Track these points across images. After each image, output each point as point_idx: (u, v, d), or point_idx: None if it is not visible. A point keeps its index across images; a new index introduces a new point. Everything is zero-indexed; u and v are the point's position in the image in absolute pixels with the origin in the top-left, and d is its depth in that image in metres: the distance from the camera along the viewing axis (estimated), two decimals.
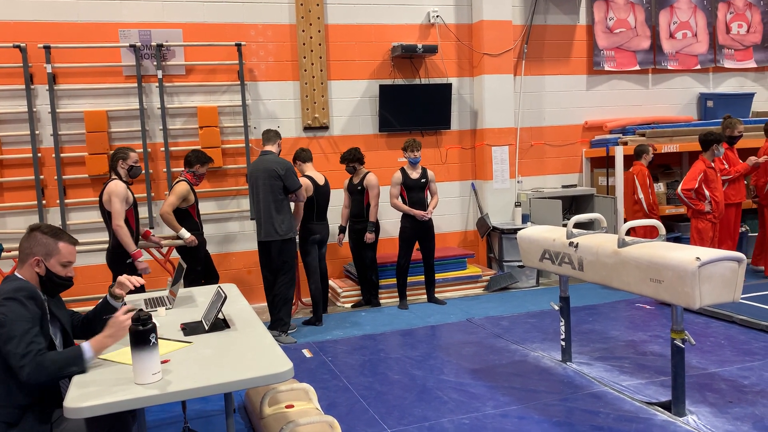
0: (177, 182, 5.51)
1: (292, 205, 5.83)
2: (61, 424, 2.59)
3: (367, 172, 6.31)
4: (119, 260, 4.93)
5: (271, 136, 5.65)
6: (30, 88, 6.09)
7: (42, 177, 6.22)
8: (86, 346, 2.51)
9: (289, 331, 5.61)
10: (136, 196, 6.38)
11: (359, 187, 6.27)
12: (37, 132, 6.17)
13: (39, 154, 6.19)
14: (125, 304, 3.03)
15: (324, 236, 6.10)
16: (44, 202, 6.22)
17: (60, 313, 2.82)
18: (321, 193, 6.01)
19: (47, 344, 2.63)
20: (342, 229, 6.56)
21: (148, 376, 2.34)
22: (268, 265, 5.57)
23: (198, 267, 5.54)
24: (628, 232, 3.92)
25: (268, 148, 5.61)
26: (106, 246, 5.56)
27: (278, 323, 5.48)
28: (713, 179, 6.19)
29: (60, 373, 2.45)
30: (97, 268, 6.39)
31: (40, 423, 2.56)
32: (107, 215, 4.90)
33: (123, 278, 2.95)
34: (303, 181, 5.81)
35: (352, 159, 6.26)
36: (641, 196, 6.67)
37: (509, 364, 4.65)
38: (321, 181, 6.06)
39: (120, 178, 4.94)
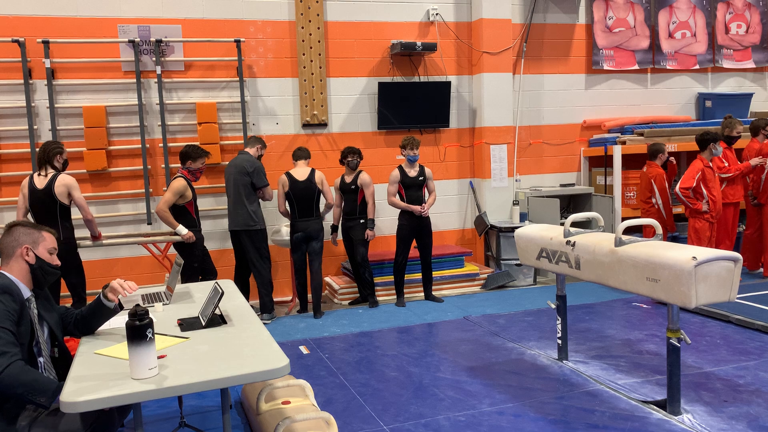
0: (174, 179, 5.51)
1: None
2: (38, 422, 2.57)
3: (360, 171, 6.30)
4: (71, 250, 5.16)
5: (251, 140, 6.14)
6: (28, 83, 6.08)
7: None
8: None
9: (265, 315, 6.13)
10: (133, 191, 6.45)
11: (353, 186, 6.27)
12: (35, 127, 6.17)
13: (37, 149, 6.18)
14: (122, 308, 3.02)
15: (308, 233, 6.04)
16: None
17: (47, 313, 2.80)
18: (296, 190, 6.01)
19: (27, 341, 2.62)
20: (334, 228, 6.55)
21: (144, 371, 2.34)
22: (238, 253, 6.13)
23: (195, 263, 5.54)
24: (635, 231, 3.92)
25: (246, 149, 6.07)
26: (107, 241, 5.63)
27: (265, 307, 6.06)
28: (711, 178, 6.21)
29: (29, 391, 2.40)
30: (95, 264, 6.39)
31: (7, 423, 2.55)
32: (59, 207, 5.07)
33: (116, 284, 2.86)
34: (281, 178, 6.13)
35: (357, 155, 6.26)
36: (659, 201, 6.60)
37: (506, 362, 4.66)
38: (301, 177, 6.04)
39: (60, 171, 5.17)
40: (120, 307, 2.98)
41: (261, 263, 5.97)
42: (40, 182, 5.09)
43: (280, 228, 6.51)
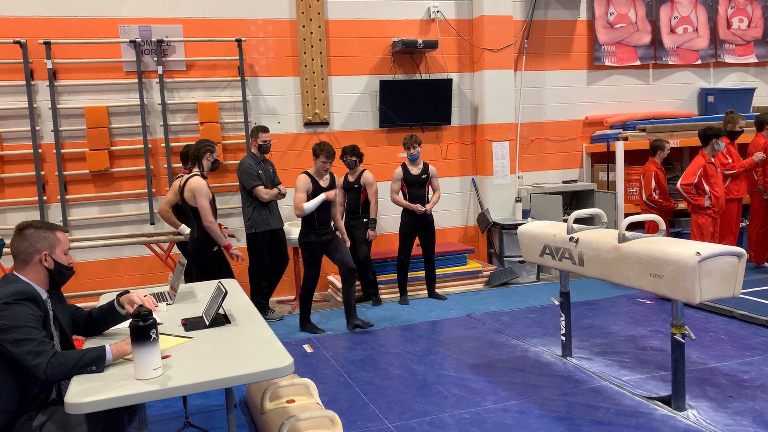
0: (176, 179, 5.51)
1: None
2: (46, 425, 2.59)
3: (363, 170, 6.29)
4: (205, 250, 5.03)
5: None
6: (30, 84, 6.09)
7: (43, 173, 6.22)
8: (108, 348, 2.52)
9: (270, 315, 6.14)
10: (136, 191, 6.46)
11: (356, 185, 6.25)
12: (37, 128, 6.18)
13: (40, 150, 6.20)
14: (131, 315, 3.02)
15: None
16: (45, 198, 6.23)
17: (60, 313, 2.82)
18: None
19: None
20: None
21: (148, 371, 2.35)
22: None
23: None
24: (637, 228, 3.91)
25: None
26: (110, 241, 5.62)
27: (258, 307, 5.92)
28: (713, 174, 6.19)
29: (78, 371, 2.46)
30: (98, 264, 6.40)
31: (25, 429, 2.57)
32: (191, 210, 4.98)
33: (135, 296, 2.85)
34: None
35: (354, 153, 6.22)
36: (644, 197, 6.61)
37: (510, 359, 4.66)
38: None
39: (201, 172, 5.03)
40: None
41: (252, 265, 6.00)
42: (182, 180, 5.08)
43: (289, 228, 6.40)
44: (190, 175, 4.99)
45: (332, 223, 5.62)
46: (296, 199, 5.38)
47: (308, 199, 5.40)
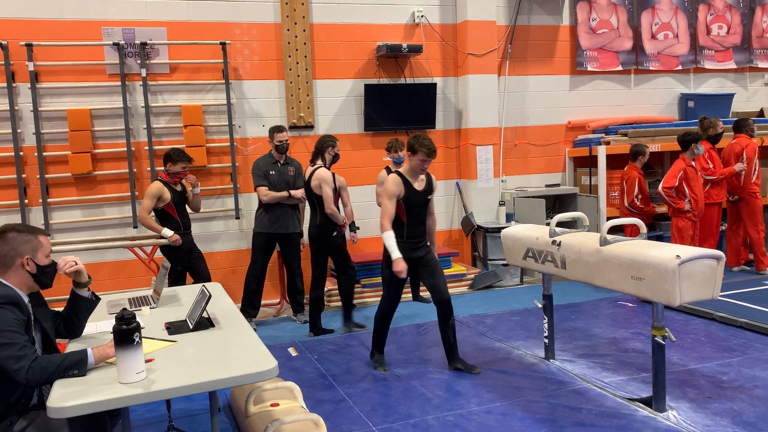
0: (154, 182, 5.49)
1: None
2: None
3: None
4: (326, 235, 5.48)
5: None
6: (12, 86, 6.03)
7: (24, 176, 6.16)
8: (90, 352, 2.52)
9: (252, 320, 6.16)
10: (119, 194, 6.42)
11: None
12: (19, 131, 6.12)
13: (21, 153, 6.13)
14: (98, 298, 3.02)
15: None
16: (26, 201, 6.17)
17: (41, 316, 2.80)
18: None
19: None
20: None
21: (132, 375, 2.34)
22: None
23: (178, 267, 5.52)
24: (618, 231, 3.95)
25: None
26: (93, 245, 5.64)
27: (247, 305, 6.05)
28: (693, 178, 6.28)
29: (60, 375, 2.45)
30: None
31: None
32: (315, 198, 5.44)
33: (61, 262, 2.84)
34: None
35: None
36: (626, 203, 6.70)
37: (493, 362, 4.69)
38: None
39: (324, 164, 5.47)
40: (95, 297, 2.97)
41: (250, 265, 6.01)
42: (308, 173, 5.54)
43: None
44: (316, 167, 5.44)
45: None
46: (384, 208, 4.36)
47: (399, 206, 4.38)
